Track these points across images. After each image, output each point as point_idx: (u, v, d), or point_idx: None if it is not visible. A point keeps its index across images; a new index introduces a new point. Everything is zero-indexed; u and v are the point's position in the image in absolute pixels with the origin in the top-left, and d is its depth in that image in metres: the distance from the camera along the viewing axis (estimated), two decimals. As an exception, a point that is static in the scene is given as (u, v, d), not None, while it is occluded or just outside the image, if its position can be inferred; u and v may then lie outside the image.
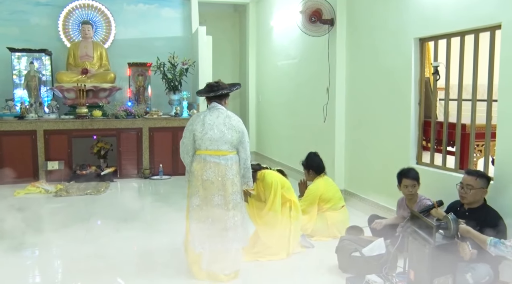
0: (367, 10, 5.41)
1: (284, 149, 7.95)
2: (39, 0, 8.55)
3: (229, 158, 3.63)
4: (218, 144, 3.59)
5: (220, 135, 3.59)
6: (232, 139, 3.63)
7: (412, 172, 4.01)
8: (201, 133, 3.61)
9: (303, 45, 7.04)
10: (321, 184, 4.68)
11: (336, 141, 5.99)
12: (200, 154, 3.64)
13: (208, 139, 3.59)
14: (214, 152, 3.60)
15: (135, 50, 8.89)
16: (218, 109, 3.73)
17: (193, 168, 3.64)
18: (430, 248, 2.88)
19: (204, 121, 3.64)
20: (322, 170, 4.77)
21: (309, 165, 4.81)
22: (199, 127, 3.63)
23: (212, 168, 3.58)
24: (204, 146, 3.61)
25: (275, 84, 8.34)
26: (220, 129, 3.61)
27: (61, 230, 4.91)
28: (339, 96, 5.94)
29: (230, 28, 10.60)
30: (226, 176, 3.59)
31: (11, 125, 7.26)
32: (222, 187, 3.59)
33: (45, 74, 8.13)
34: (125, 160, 7.68)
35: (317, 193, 4.62)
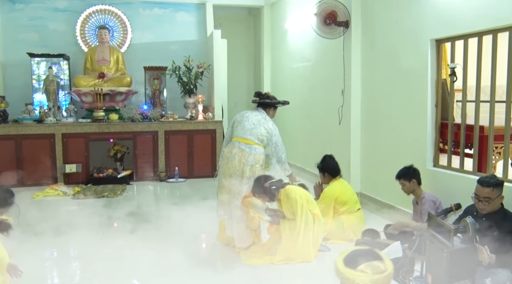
0: (382, 12, 5.36)
1: (299, 151, 7.91)
2: (57, 6, 8.66)
3: (253, 148, 4.16)
4: (247, 134, 4.17)
5: (251, 127, 4.19)
6: (261, 134, 4.20)
7: (400, 171, 4.17)
8: (238, 122, 4.28)
9: (318, 47, 7.00)
10: (336, 187, 4.63)
11: (352, 144, 5.93)
12: (232, 140, 4.26)
13: (241, 128, 4.21)
14: (242, 140, 4.17)
15: (151, 54, 8.94)
16: (260, 111, 4.39)
17: (224, 151, 4.29)
18: (448, 252, 2.82)
19: (244, 115, 4.33)
20: (337, 173, 4.73)
21: (324, 168, 4.76)
22: (239, 118, 4.32)
23: (236, 151, 4.13)
24: (237, 133, 4.23)
25: (290, 86, 8.31)
26: (254, 123, 4.22)
27: (78, 232, 4.95)
28: (355, 98, 5.88)
29: (244, 31, 10.59)
30: (247, 161, 4.10)
31: (30, 129, 7.35)
32: (240, 170, 4.09)
33: (63, 78, 8.22)
34: (141, 163, 7.72)
35: (333, 196, 4.57)
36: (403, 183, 4.14)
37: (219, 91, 8.35)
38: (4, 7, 8.40)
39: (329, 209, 4.55)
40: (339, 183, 4.68)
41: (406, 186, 4.14)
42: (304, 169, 7.66)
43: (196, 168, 7.90)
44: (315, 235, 4.09)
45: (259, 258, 4.05)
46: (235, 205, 4.14)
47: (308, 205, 4.07)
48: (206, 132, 7.96)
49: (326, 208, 4.51)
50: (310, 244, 4.04)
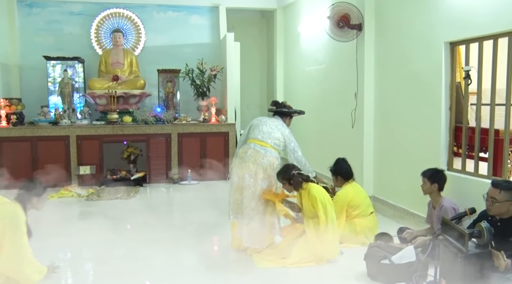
0: (396, 15, 5.32)
1: (312, 155, 7.84)
2: (72, 10, 8.77)
3: (268, 151, 4.18)
4: (265, 137, 4.22)
5: (269, 131, 4.27)
6: (277, 138, 4.26)
7: (428, 170, 4.08)
8: (255, 126, 4.34)
9: (331, 50, 6.97)
10: (349, 190, 4.60)
11: (365, 147, 5.89)
12: (248, 142, 4.29)
13: (258, 131, 4.27)
14: (258, 142, 4.21)
15: (164, 57, 9.00)
16: (278, 118, 4.50)
17: (238, 152, 4.31)
18: (462, 256, 2.79)
19: (262, 120, 4.41)
20: (350, 176, 4.70)
21: (337, 171, 4.73)
22: (256, 122, 4.39)
23: (251, 153, 4.15)
24: (253, 135, 4.27)
25: (303, 89, 8.29)
26: (271, 126, 4.31)
27: (92, 233, 4.98)
28: (368, 101, 5.85)
29: (258, 34, 10.61)
30: (261, 163, 4.12)
31: (45, 131, 7.43)
32: (254, 172, 4.10)
33: (78, 81, 8.31)
34: (154, 165, 7.75)
35: (346, 200, 4.53)
36: (425, 181, 4.05)
37: (232, 94, 8.36)
38: (22, 11, 8.53)
39: (342, 213, 4.52)
40: (352, 187, 4.65)
41: (426, 186, 4.06)
42: (317, 172, 7.61)
43: (209, 170, 7.91)
44: None
45: (272, 261, 4.04)
46: (247, 205, 4.13)
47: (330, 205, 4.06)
48: (219, 135, 7.97)
49: (338, 212, 4.47)
50: (337, 240, 4.06)
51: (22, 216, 3.52)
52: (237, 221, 4.28)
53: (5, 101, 7.44)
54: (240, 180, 4.17)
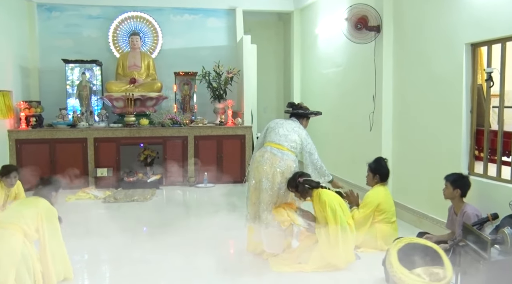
0: (415, 15, 5.24)
1: (329, 158, 7.79)
2: (91, 14, 8.87)
3: (285, 154, 4.17)
4: (281, 140, 4.21)
5: (285, 133, 4.25)
6: (293, 140, 4.25)
7: (452, 175, 3.99)
8: (271, 129, 4.33)
9: (348, 52, 6.92)
10: (381, 192, 4.52)
11: (383, 150, 5.80)
12: (264, 145, 4.28)
13: (275, 134, 4.26)
14: (275, 145, 4.20)
15: (181, 60, 9.04)
16: (294, 120, 4.47)
17: (255, 155, 4.29)
18: (485, 263, 2.71)
19: (278, 122, 4.40)
20: (387, 178, 4.62)
21: (377, 170, 4.61)
22: (273, 124, 4.38)
23: (268, 156, 4.14)
24: (270, 138, 4.26)
25: (320, 92, 8.23)
26: (288, 129, 4.29)
27: (108, 235, 5.00)
28: (386, 104, 5.77)
29: (274, 36, 10.59)
30: (278, 166, 4.10)
31: (64, 133, 7.51)
32: (271, 175, 4.10)
33: (96, 84, 8.38)
34: (171, 168, 7.76)
35: (376, 201, 4.44)
36: (447, 186, 3.95)
37: (249, 97, 8.34)
38: (42, 15, 8.65)
39: (369, 214, 4.43)
40: (384, 190, 4.56)
41: (448, 191, 3.95)
42: (334, 175, 7.53)
43: (225, 173, 7.90)
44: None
45: (288, 266, 4.00)
46: (264, 209, 4.10)
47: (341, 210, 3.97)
48: (235, 138, 7.96)
49: (368, 215, 4.42)
50: (352, 247, 3.98)
51: (54, 209, 3.70)
52: (254, 225, 4.24)
53: (24, 104, 7.56)
54: (258, 184, 4.17)
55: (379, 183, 4.58)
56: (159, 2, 9.00)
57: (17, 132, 7.42)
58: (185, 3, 9.09)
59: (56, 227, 3.66)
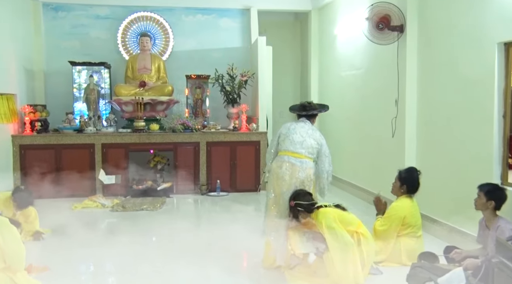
0: (442, 14, 5.16)
1: (348, 165, 7.75)
2: (99, 14, 8.94)
3: (304, 162, 4.24)
4: (297, 147, 4.25)
5: (301, 140, 4.27)
6: (311, 146, 4.29)
7: (486, 185, 3.83)
8: (284, 135, 4.32)
9: (369, 54, 6.87)
10: (407, 205, 4.37)
11: (406, 158, 5.72)
12: (280, 154, 4.33)
13: (290, 141, 4.27)
14: (292, 154, 4.25)
15: (193, 62, 9.05)
16: (305, 122, 4.47)
17: (272, 166, 4.35)
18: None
19: (290, 127, 4.40)
20: (415, 190, 4.45)
21: (407, 180, 4.43)
22: (285, 130, 4.37)
23: (287, 167, 4.20)
24: (285, 147, 4.30)
25: (339, 96, 8.18)
26: (302, 135, 4.30)
27: (116, 245, 5.00)
28: (410, 108, 5.70)
29: (291, 37, 10.56)
30: (298, 176, 4.18)
31: (70, 138, 7.55)
32: (292, 186, 4.15)
33: (104, 87, 8.43)
34: (182, 175, 7.75)
35: (401, 214, 4.31)
36: (480, 196, 3.81)
37: (264, 101, 8.31)
38: (48, 15, 8.74)
39: (394, 228, 4.30)
40: (411, 202, 4.41)
41: (480, 202, 3.80)
42: (353, 183, 7.49)
43: (239, 181, 7.86)
44: (363, 256, 3.91)
45: (304, 280, 3.93)
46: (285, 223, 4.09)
47: (342, 225, 3.88)
48: (249, 144, 7.92)
49: (391, 228, 4.29)
50: (358, 266, 3.86)
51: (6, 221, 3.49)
52: (274, 239, 4.19)
53: (29, 108, 7.60)
54: (278, 197, 4.22)
55: (405, 194, 4.45)
56: (170, 2, 9.04)
57: (21, 137, 7.46)
58: (198, 3, 9.11)
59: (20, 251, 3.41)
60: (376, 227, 4.34)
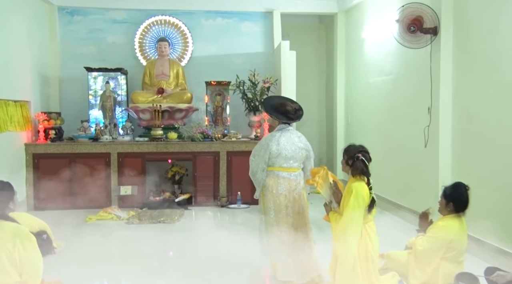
0: (481, 14, 5.06)
1: (377, 176, 7.54)
2: (116, 18, 9.04)
3: (298, 175, 4.39)
4: (291, 162, 4.33)
5: (292, 154, 4.33)
6: (302, 157, 4.41)
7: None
8: (276, 152, 4.29)
9: (400, 58, 6.80)
10: (455, 226, 4.00)
11: (441, 170, 5.61)
12: (273, 170, 4.35)
13: (282, 157, 4.30)
14: (286, 169, 4.33)
15: (213, 68, 9.07)
16: (289, 130, 4.46)
17: (267, 184, 4.37)
18: None
19: (279, 141, 4.33)
20: (465, 208, 4.08)
21: (452, 197, 4.06)
22: (275, 146, 4.30)
23: (284, 183, 4.32)
24: (278, 163, 4.32)
25: (367, 103, 8.12)
26: (293, 148, 4.34)
27: (131, 260, 5.00)
28: (444, 116, 5.60)
29: (316, 41, 10.53)
30: (296, 190, 4.32)
31: (85, 147, 7.61)
32: (292, 200, 4.31)
33: (121, 94, 8.49)
34: (201, 187, 7.74)
35: (448, 237, 3.94)
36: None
37: (287, 108, 8.24)
38: (63, 20, 8.87)
39: (437, 252, 3.96)
40: (460, 223, 4.04)
41: None
42: (382, 197, 7.37)
43: (260, 192, 7.80)
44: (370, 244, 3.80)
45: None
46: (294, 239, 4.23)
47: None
48: (271, 154, 7.86)
49: (434, 250, 3.96)
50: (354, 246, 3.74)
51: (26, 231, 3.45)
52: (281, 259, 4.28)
53: (43, 115, 7.70)
54: (280, 214, 4.31)
55: (453, 213, 4.08)
56: (190, 5, 9.10)
57: (35, 146, 7.55)
58: (218, 6, 9.15)
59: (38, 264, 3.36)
60: (417, 246, 4.09)
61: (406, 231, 4.46)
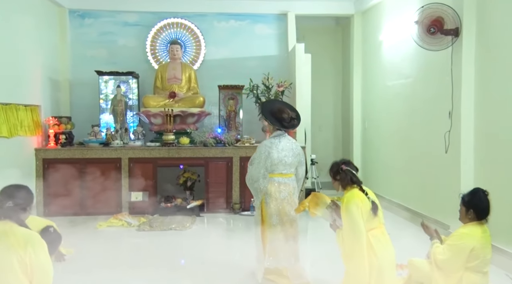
0: (506, 14, 4.96)
1: (396, 184, 7.55)
2: (127, 20, 9.06)
3: (293, 179, 4.61)
4: (288, 168, 4.53)
5: (291, 161, 4.53)
6: (296, 163, 4.61)
7: None
8: (277, 159, 4.46)
9: (419, 61, 6.73)
10: (477, 233, 3.85)
11: (462, 177, 5.51)
12: (273, 177, 4.51)
13: (282, 165, 4.48)
14: (285, 175, 4.52)
15: (226, 71, 9.07)
16: (285, 136, 4.62)
17: (269, 190, 4.49)
18: None
19: (278, 148, 4.51)
20: (486, 215, 3.93)
21: (472, 204, 3.91)
22: (275, 153, 4.47)
23: (284, 188, 4.50)
24: (278, 170, 4.49)
25: (384, 107, 8.04)
26: (291, 155, 4.53)
27: (141, 268, 4.98)
28: (466, 121, 5.51)
29: (331, 44, 10.48)
30: (293, 194, 4.55)
31: (96, 152, 7.61)
32: (291, 205, 4.49)
33: (132, 98, 8.50)
34: (213, 193, 7.70)
35: (469, 244, 3.78)
36: None
37: (302, 113, 8.09)
38: (74, 23, 8.92)
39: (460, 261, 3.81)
40: (482, 230, 3.88)
41: None
42: (401, 204, 7.29)
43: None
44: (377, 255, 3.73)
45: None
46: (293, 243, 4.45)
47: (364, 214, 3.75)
48: (286, 159, 7.80)
49: (455, 258, 3.82)
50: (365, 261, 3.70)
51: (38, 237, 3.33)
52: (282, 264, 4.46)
53: (54, 120, 7.72)
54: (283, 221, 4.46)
55: (474, 220, 3.92)
56: (202, 8, 9.09)
57: (45, 151, 7.57)
58: (231, 8, 9.14)
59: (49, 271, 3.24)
60: (436, 255, 3.97)
61: (425, 240, 4.32)
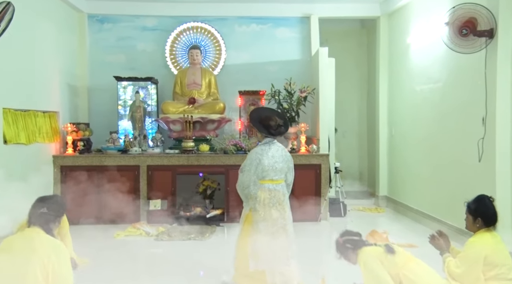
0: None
1: (424, 194, 7.39)
2: (146, 25, 9.09)
3: (282, 185, 4.73)
4: (279, 175, 4.66)
5: (282, 167, 4.67)
6: (286, 169, 4.75)
7: None
8: (268, 165, 4.57)
9: (449, 64, 6.59)
10: (488, 240, 3.89)
11: (498, 186, 5.39)
12: (264, 183, 4.62)
13: (273, 171, 4.61)
14: (275, 181, 4.64)
15: (247, 77, 9.04)
16: (275, 143, 4.76)
17: (259, 197, 4.59)
18: None
19: (269, 155, 4.62)
20: (494, 221, 3.98)
21: (479, 211, 3.97)
22: (266, 160, 4.58)
23: (275, 195, 4.62)
24: (269, 176, 4.60)
25: (413, 113, 7.90)
26: (281, 161, 4.67)
27: (159, 279, 4.97)
28: (502, 128, 5.40)
29: (356, 47, 10.40)
30: (284, 200, 4.68)
31: (114, 160, 7.61)
32: (282, 210, 4.63)
33: (151, 104, 8.50)
34: (234, 202, 7.61)
35: (481, 252, 3.84)
36: None
37: (325, 119, 8.14)
38: (93, 28, 8.97)
39: (476, 271, 3.82)
40: (492, 237, 3.94)
41: None
42: (430, 215, 7.12)
43: (297, 209, 7.54)
44: None
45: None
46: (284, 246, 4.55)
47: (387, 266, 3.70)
48: (309, 168, 7.70)
49: (471, 269, 3.83)
50: None
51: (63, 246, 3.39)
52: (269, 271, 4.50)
53: (72, 126, 7.74)
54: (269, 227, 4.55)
55: (483, 228, 3.96)
56: (223, 11, 9.08)
57: (63, 158, 7.59)
58: (253, 12, 9.11)
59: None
60: (451, 268, 3.94)
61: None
